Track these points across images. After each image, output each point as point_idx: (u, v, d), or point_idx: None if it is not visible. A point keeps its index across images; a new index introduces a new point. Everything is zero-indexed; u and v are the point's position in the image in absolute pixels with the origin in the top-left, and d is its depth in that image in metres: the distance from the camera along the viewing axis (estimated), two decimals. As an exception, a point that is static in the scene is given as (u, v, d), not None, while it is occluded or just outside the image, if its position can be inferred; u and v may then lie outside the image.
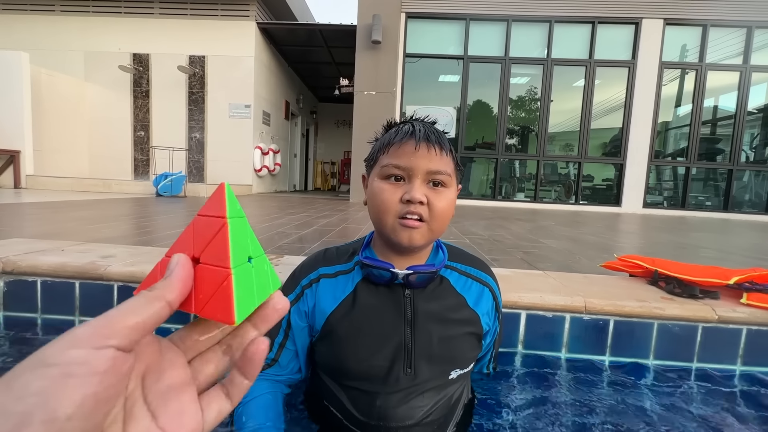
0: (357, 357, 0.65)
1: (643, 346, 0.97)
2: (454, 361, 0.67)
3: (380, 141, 0.67)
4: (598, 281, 1.16)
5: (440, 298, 0.68)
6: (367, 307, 0.66)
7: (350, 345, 0.65)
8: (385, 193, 0.61)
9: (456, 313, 0.68)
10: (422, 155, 0.61)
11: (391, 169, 0.61)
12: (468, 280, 0.71)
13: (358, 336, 0.65)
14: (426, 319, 0.66)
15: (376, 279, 0.66)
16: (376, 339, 0.65)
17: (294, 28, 7.06)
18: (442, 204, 0.61)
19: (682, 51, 6.33)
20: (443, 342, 0.66)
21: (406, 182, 0.61)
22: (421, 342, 0.65)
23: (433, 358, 0.65)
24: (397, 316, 0.65)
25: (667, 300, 0.99)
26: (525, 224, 3.39)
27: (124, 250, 1.26)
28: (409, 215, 0.60)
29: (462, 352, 0.68)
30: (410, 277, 0.64)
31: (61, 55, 6.90)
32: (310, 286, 0.69)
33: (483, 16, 6.17)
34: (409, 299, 0.66)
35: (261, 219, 2.88)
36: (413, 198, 0.59)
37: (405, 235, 0.61)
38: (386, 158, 0.62)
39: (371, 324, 0.65)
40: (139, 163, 7.15)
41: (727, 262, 1.92)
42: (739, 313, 0.94)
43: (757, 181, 6.50)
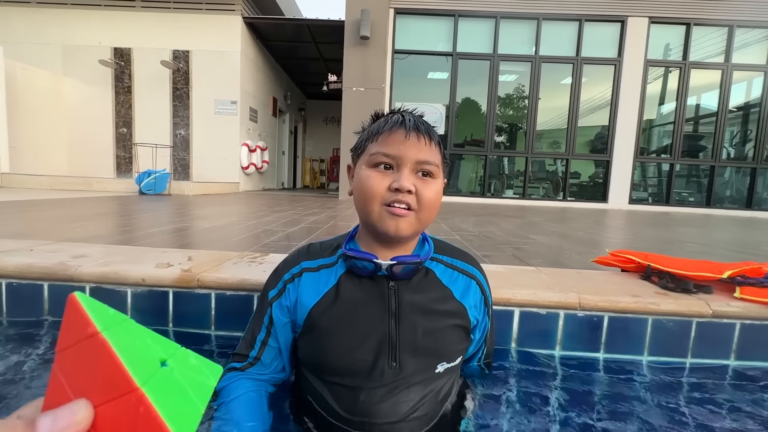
0: (339, 351, 0.63)
1: (637, 342, 0.95)
2: (441, 353, 0.65)
3: (368, 130, 0.66)
4: (591, 277, 1.14)
5: (425, 290, 0.66)
6: (350, 300, 0.64)
7: (332, 339, 0.63)
8: (372, 180, 0.60)
9: (442, 305, 0.66)
10: (412, 144, 0.60)
11: (379, 157, 0.60)
12: (454, 273, 0.70)
13: (340, 330, 0.63)
14: (411, 311, 0.64)
15: (360, 271, 0.64)
16: (360, 332, 0.63)
17: (281, 23, 6.93)
18: (430, 194, 0.60)
19: (666, 49, 6.43)
20: (429, 334, 0.64)
21: (395, 171, 0.60)
22: (405, 334, 0.63)
23: (418, 351, 0.63)
24: (381, 309, 0.64)
25: (662, 295, 0.97)
26: (514, 220, 3.39)
27: (98, 249, 1.19)
28: (396, 203, 0.59)
29: (448, 344, 0.66)
30: (394, 268, 0.62)
31: (38, 48, 6.65)
32: (292, 280, 0.68)
33: (472, 12, 6.16)
34: (394, 291, 0.64)
35: (247, 217, 2.81)
36: (402, 186, 0.58)
37: (392, 224, 0.60)
38: (375, 146, 0.61)
39: (354, 317, 0.64)
40: (121, 160, 6.94)
41: (712, 256, 1.94)
42: (733, 307, 0.93)
43: (737, 178, 6.66)
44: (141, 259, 1.10)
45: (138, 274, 0.96)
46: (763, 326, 0.94)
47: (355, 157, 0.68)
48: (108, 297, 0.97)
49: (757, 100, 6.43)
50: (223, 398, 0.65)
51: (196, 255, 1.17)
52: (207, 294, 0.97)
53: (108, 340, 0.19)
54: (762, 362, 0.95)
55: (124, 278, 0.96)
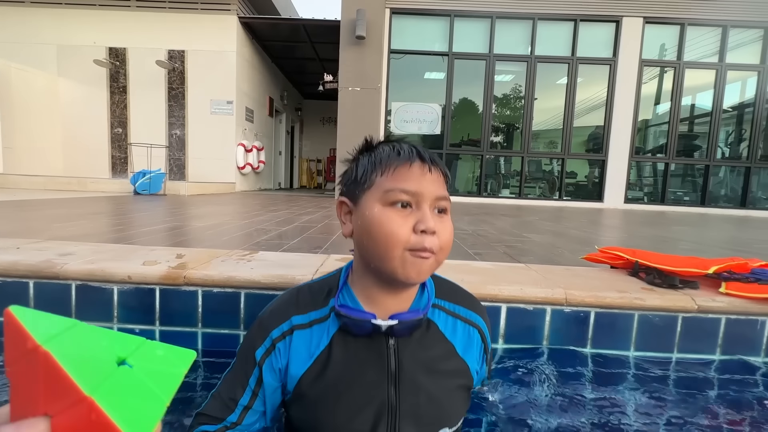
0: (335, 422, 0.57)
1: (624, 338, 0.96)
2: (443, 419, 0.60)
3: (373, 160, 0.58)
4: (580, 273, 1.14)
5: (427, 347, 0.61)
6: (344, 364, 0.58)
7: (327, 408, 0.58)
8: (393, 223, 0.53)
9: (444, 364, 0.61)
10: (432, 180, 0.55)
11: (398, 193, 0.53)
12: (456, 322, 0.65)
13: (334, 399, 0.58)
14: (412, 373, 0.59)
15: (355, 330, 0.58)
16: (356, 400, 0.57)
17: (277, 23, 6.93)
18: (448, 233, 0.56)
19: (661, 49, 6.46)
20: (431, 399, 0.59)
21: (414, 209, 0.54)
22: (406, 400, 0.58)
23: (420, 418, 0.58)
24: (379, 372, 0.58)
25: (648, 290, 0.98)
26: (509, 220, 3.39)
27: (86, 247, 1.18)
28: (423, 248, 0.52)
29: (451, 408, 0.61)
30: (394, 329, 0.57)
31: (33, 48, 6.62)
32: (282, 338, 0.61)
33: (467, 12, 6.17)
34: (393, 350, 0.59)
35: (241, 216, 2.80)
36: (429, 228, 0.52)
37: (415, 271, 0.53)
38: (389, 182, 0.54)
39: (350, 382, 0.58)
40: (116, 160, 6.92)
41: (705, 254, 1.94)
42: (718, 302, 0.94)
43: (732, 177, 6.70)
44: (129, 256, 1.10)
45: (124, 272, 0.96)
46: (748, 321, 0.94)
47: (355, 191, 0.59)
48: (94, 295, 0.97)
49: (750, 99, 6.47)
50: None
51: (185, 253, 1.17)
52: (194, 291, 0.97)
53: (50, 352, 0.19)
54: (747, 356, 0.95)
55: (110, 275, 0.96)
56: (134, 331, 0.98)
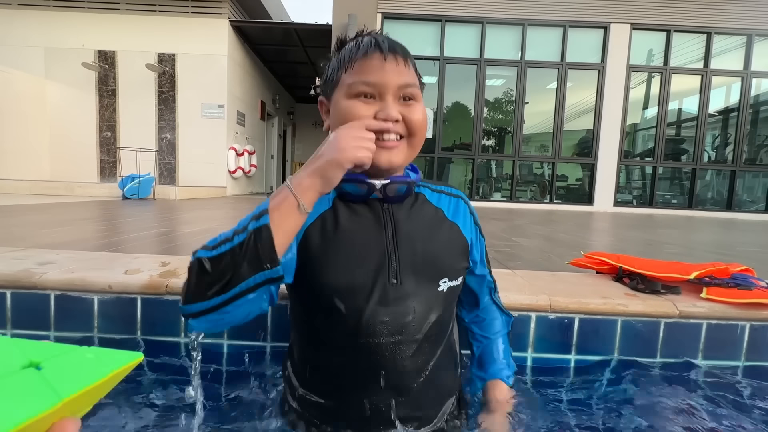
0: (338, 270, 0.60)
1: (607, 344, 0.96)
2: (441, 268, 0.64)
3: (338, 58, 0.61)
4: (565, 279, 1.15)
5: (418, 211, 0.67)
6: (345, 222, 0.62)
7: (330, 258, 0.61)
8: (356, 112, 0.57)
9: (436, 223, 0.67)
10: (392, 69, 0.57)
11: (359, 86, 0.57)
12: (441, 195, 0.71)
13: (337, 250, 0.61)
14: (407, 230, 0.64)
15: (352, 196, 0.63)
16: (358, 253, 0.61)
17: (269, 27, 6.92)
18: (417, 118, 0.59)
19: (648, 55, 6.58)
20: (427, 250, 0.64)
21: (377, 100, 0.57)
22: (404, 252, 0.62)
23: (418, 268, 0.62)
24: (377, 229, 0.63)
25: (631, 296, 0.99)
26: (500, 223, 3.41)
27: (67, 255, 1.16)
28: (386, 135, 0.57)
29: (448, 259, 0.66)
30: (387, 189, 0.61)
31: (20, 51, 6.52)
32: None
33: (458, 17, 6.23)
34: (389, 212, 0.64)
35: (231, 221, 2.78)
36: (389, 116, 0.56)
37: (384, 157, 0.58)
38: (351, 76, 0.58)
39: (351, 238, 0.62)
40: (105, 164, 6.83)
41: (689, 257, 1.97)
42: (699, 307, 0.95)
43: (718, 180, 6.82)
44: (110, 265, 1.08)
45: (105, 281, 0.94)
46: (729, 326, 0.95)
47: (327, 90, 0.63)
48: (73, 305, 0.95)
49: (735, 104, 6.62)
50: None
51: (169, 260, 1.15)
52: (177, 300, 0.95)
53: None
54: (727, 361, 0.96)
55: (90, 285, 0.94)
56: (114, 340, 0.97)
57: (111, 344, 0.99)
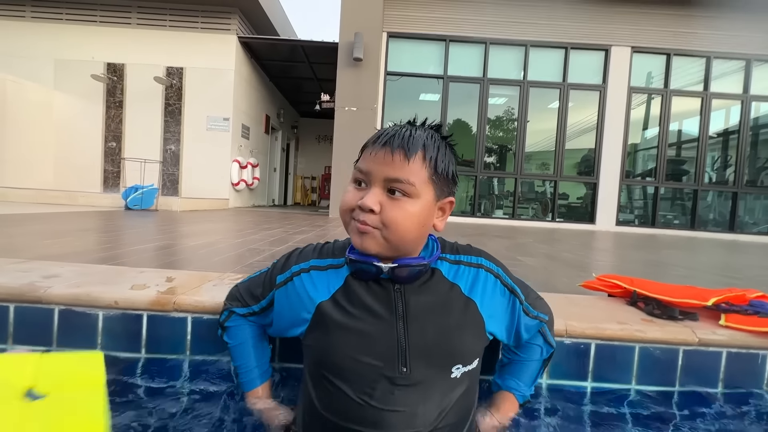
0: (347, 351, 0.61)
1: (625, 371, 0.94)
2: (454, 355, 0.63)
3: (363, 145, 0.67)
4: (578, 302, 1.13)
5: (432, 291, 0.65)
6: (357, 302, 0.63)
7: (340, 337, 0.62)
8: (346, 196, 0.63)
9: (450, 303, 0.65)
10: (380, 160, 0.58)
11: (356, 173, 0.62)
12: (459, 267, 0.68)
13: (348, 330, 0.62)
14: (418, 313, 0.63)
15: (363, 275, 0.64)
16: (367, 336, 0.61)
17: (276, 43, 7.05)
18: (393, 214, 0.58)
19: (649, 77, 6.68)
20: (439, 335, 0.62)
21: (367, 187, 0.60)
22: (415, 337, 0.61)
23: (430, 355, 0.61)
24: (388, 312, 0.62)
25: (647, 322, 0.97)
26: (503, 241, 3.39)
27: (72, 268, 1.14)
28: (359, 220, 0.59)
29: (461, 344, 0.63)
30: (396, 271, 0.61)
31: (30, 62, 6.62)
32: (299, 274, 0.68)
33: (462, 38, 6.35)
34: (400, 293, 0.63)
35: (234, 235, 2.76)
36: (363, 204, 0.58)
37: (357, 240, 0.61)
38: (360, 161, 0.63)
39: (362, 319, 0.62)
40: (109, 175, 6.85)
41: (699, 281, 1.95)
42: (718, 335, 0.93)
43: (719, 201, 6.83)
44: (117, 279, 1.06)
45: (111, 296, 0.92)
46: (749, 355, 0.93)
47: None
48: (78, 320, 0.93)
49: (735, 127, 6.68)
50: (232, 340, 0.79)
51: (175, 276, 1.14)
52: (183, 318, 0.93)
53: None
54: (749, 390, 0.93)
55: (95, 300, 0.92)
56: (118, 358, 0.94)
57: (115, 362, 0.96)
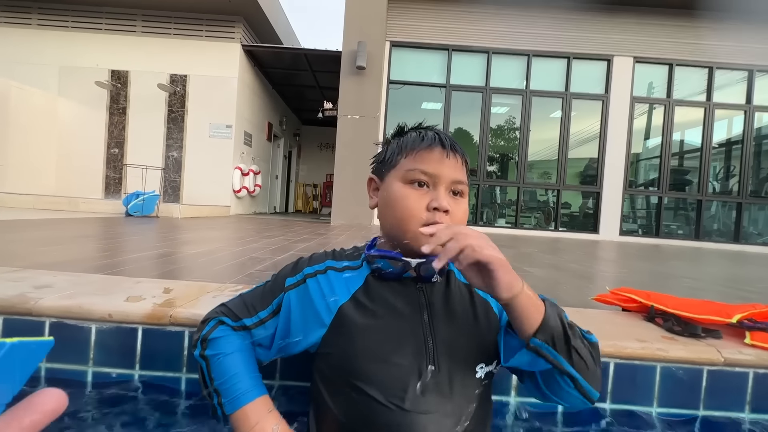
0: (374, 354, 0.58)
1: (646, 392, 0.88)
2: (478, 353, 0.61)
3: (400, 143, 0.65)
4: (593, 317, 1.08)
5: (450, 290, 0.65)
6: (380, 302, 0.61)
7: (365, 340, 0.59)
8: (409, 199, 0.59)
9: (468, 303, 0.65)
10: (449, 164, 0.61)
11: (417, 173, 0.60)
12: None
13: (374, 332, 0.59)
14: (443, 312, 0.62)
15: (386, 274, 0.62)
16: (394, 334, 0.59)
17: (279, 52, 7.10)
18: (461, 213, 0.61)
19: (651, 87, 6.69)
20: (464, 333, 0.61)
21: (431, 189, 0.60)
22: (441, 335, 0.60)
23: (454, 353, 0.59)
24: (413, 311, 0.61)
25: (669, 340, 0.92)
26: (507, 251, 3.34)
27: (65, 278, 1.10)
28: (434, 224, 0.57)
29: (485, 343, 0.62)
30: (421, 268, 0.60)
31: (35, 68, 6.67)
32: (314, 275, 0.64)
33: (465, 47, 6.38)
34: (423, 292, 0.62)
35: (235, 243, 2.72)
36: (441, 206, 0.58)
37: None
38: (411, 162, 0.61)
39: (387, 319, 0.60)
40: (111, 181, 6.85)
41: (710, 293, 1.90)
42: (745, 354, 0.87)
43: (723, 212, 6.78)
44: (112, 290, 1.02)
45: (105, 309, 0.88)
46: (778, 376, 0.88)
47: (382, 169, 0.66)
48: (69, 333, 0.88)
49: (738, 137, 6.66)
50: (221, 350, 0.64)
51: (173, 286, 1.09)
52: (180, 332, 0.88)
53: None
54: (779, 416, 0.88)
55: (88, 313, 0.87)
56: (111, 375, 0.89)
57: (106, 381, 0.91)
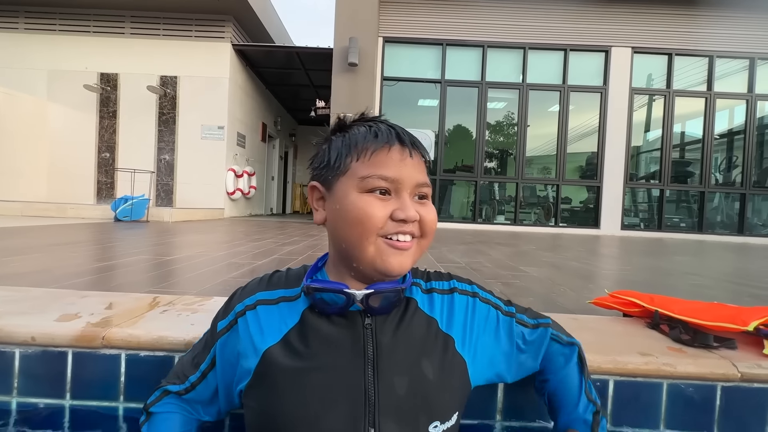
0: (299, 414, 0.48)
1: (651, 413, 0.77)
2: (432, 410, 0.51)
3: (347, 142, 0.53)
4: (590, 325, 0.96)
5: (409, 326, 0.54)
6: (316, 345, 0.51)
7: (291, 396, 0.49)
8: (369, 208, 0.49)
9: (428, 343, 0.54)
10: (412, 164, 0.51)
11: (376, 180, 0.49)
12: (433, 296, 0.58)
13: (302, 386, 0.49)
14: (391, 357, 0.51)
15: (327, 307, 0.52)
16: (329, 388, 0.49)
17: (271, 51, 6.99)
18: (431, 216, 0.52)
19: (650, 78, 6.56)
20: (416, 385, 0.51)
21: (392, 196, 0.50)
22: (386, 388, 0.49)
23: (402, 411, 0.49)
24: (354, 355, 0.50)
25: (676, 352, 0.80)
26: (505, 249, 3.23)
27: (4, 294, 0.99)
28: (400, 235, 0.50)
29: (441, 396, 0.52)
30: (371, 300, 0.50)
31: (23, 73, 6.58)
32: (243, 313, 0.55)
33: (459, 41, 6.26)
34: (371, 331, 0.52)
35: (219, 247, 2.61)
36: (409, 216, 0.49)
37: (395, 261, 0.49)
38: (366, 167, 0.50)
39: (322, 367, 0.50)
40: (102, 186, 6.75)
41: (717, 290, 1.78)
42: (764, 368, 0.76)
43: (727, 203, 6.65)
44: (48, 307, 0.91)
45: (27, 331, 0.77)
46: (803, 392, 0.76)
47: (328, 176, 0.53)
48: (-10, 359, 0.77)
49: (740, 126, 6.53)
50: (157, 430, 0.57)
51: (119, 301, 0.98)
52: (116, 355, 0.77)
53: None
54: (806, 440, 0.77)
55: (8, 336, 0.76)
56: (38, 406, 0.78)
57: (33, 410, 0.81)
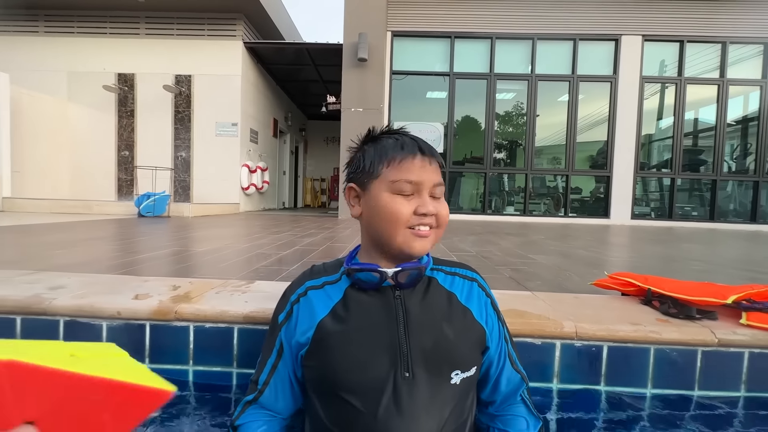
0: (351, 365, 0.62)
1: (640, 374, 0.90)
2: (453, 360, 0.64)
3: (378, 152, 0.67)
4: (590, 303, 1.09)
5: (430, 296, 0.68)
6: (358, 312, 0.65)
7: (343, 352, 0.63)
8: (398, 206, 0.63)
9: (448, 310, 0.68)
10: (431, 170, 0.66)
11: (403, 184, 0.64)
12: (455, 278, 0.72)
13: (351, 343, 0.63)
14: (419, 319, 0.65)
15: (364, 284, 0.66)
16: (371, 345, 0.63)
17: (281, 47, 7.10)
18: (445, 211, 0.67)
19: (662, 66, 6.50)
20: (439, 341, 0.64)
21: (415, 196, 0.65)
22: (416, 343, 0.63)
23: (429, 359, 0.63)
24: (389, 319, 0.64)
25: (663, 322, 0.92)
26: (514, 239, 3.34)
27: (78, 279, 1.15)
28: (422, 226, 0.64)
29: (460, 350, 0.65)
30: (399, 276, 0.65)
31: (44, 75, 6.82)
32: (297, 301, 0.69)
33: (467, 34, 6.28)
34: (400, 301, 0.66)
35: (242, 240, 2.78)
36: (429, 211, 0.64)
37: (418, 245, 0.64)
38: (394, 173, 0.64)
39: (364, 329, 0.64)
40: (122, 183, 7.00)
41: (719, 275, 1.88)
42: (739, 335, 0.88)
43: (740, 191, 6.60)
44: (121, 289, 1.07)
45: (114, 307, 0.92)
46: (774, 355, 0.88)
47: (363, 179, 0.68)
48: (82, 331, 0.93)
49: (754, 113, 6.45)
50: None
51: (179, 284, 1.14)
52: (185, 327, 0.93)
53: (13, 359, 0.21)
54: (775, 394, 0.88)
55: (99, 311, 0.92)
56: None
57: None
